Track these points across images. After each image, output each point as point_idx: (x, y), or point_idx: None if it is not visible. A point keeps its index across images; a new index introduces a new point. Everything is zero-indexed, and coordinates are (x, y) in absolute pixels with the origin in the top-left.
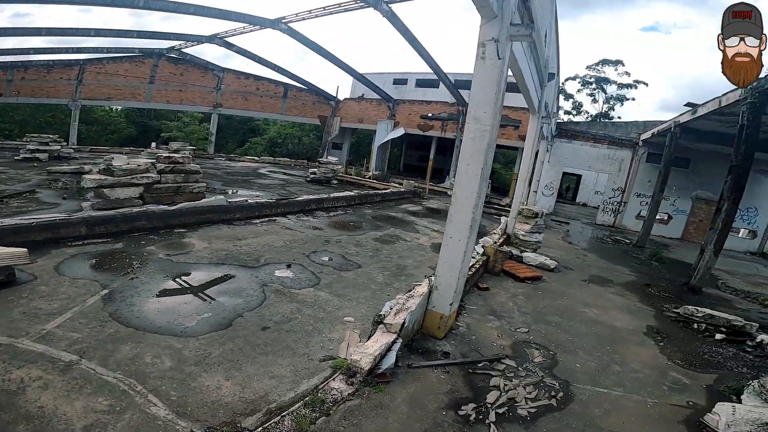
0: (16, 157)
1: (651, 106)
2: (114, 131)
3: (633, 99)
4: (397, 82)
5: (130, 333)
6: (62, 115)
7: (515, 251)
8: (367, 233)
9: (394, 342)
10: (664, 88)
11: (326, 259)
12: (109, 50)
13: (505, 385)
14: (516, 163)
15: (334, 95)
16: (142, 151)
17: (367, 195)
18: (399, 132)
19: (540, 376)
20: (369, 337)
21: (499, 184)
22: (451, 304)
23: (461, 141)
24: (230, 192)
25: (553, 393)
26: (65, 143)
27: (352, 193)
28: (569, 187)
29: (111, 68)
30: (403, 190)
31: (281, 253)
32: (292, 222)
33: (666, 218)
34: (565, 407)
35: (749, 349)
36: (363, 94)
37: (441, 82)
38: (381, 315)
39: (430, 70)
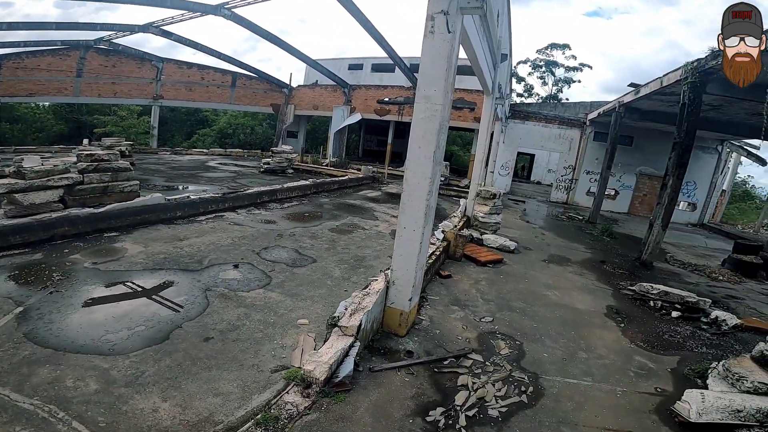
0: None
1: (594, 87)
2: (41, 129)
3: (579, 81)
4: (352, 67)
5: (48, 354)
6: None
7: (475, 234)
8: (324, 223)
9: (351, 346)
10: (606, 70)
11: (279, 255)
12: (26, 44)
13: (474, 383)
14: (473, 144)
15: (287, 83)
16: (74, 148)
17: (323, 183)
18: (356, 118)
19: (508, 370)
20: (324, 342)
21: (458, 166)
22: (410, 299)
23: None
24: (180, 188)
25: (523, 388)
26: None
27: (307, 182)
28: (524, 166)
29: (31, 62)
30: (361, 176)
31: (228, 252)
32: (242, 217)
33: (613, 194)
34: (536, 403)
35: (705, 327)
36: (317, 81)
37: (397, 66)
38: (335, 317)
39: (386, 55)
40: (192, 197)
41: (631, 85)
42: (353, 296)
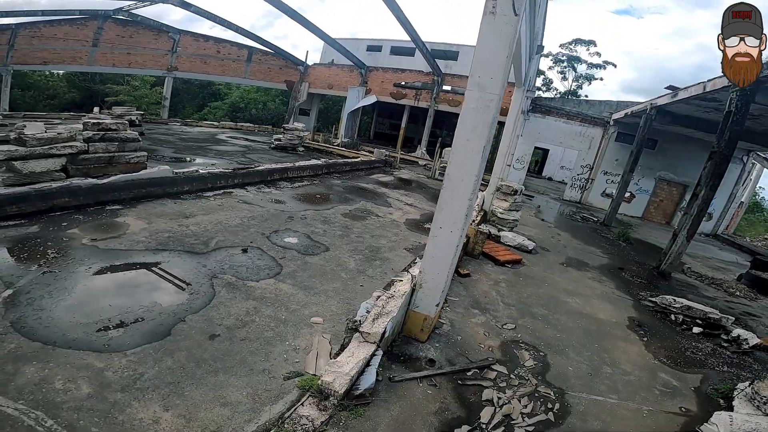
0: None
1: (615, 86)
2: (53, 96)
3: (601, 79)
4: (371, 48)
5: (37, 349)
6: None
7: (493, 230)
8: (336, 207)
9: (373, 355)
10: (628, 70)
11: (290, 240)
12: (44, 13)
13: (499, 398)
14: None
15: (303, 60)
16: (84, 116)
17: (335, 164)
18: (371, 99)
19: (534, 384)
20: (342, 348)
21: None
22: (437, 305)
23: (435, 111)
24: (189, 160)
25: (549, 405)
26: None
27: (319, 162)
28: (537, 161)
29: (48, 32)
30: (373, 159)
31: (236, 233)
32: (252, 195)
33: (629, 197)
34: (563, 422)
35: (725, 344)
36: (333, 60)
37: (417, 50)
38: (356, 320)
39: (406, 38)
40: (201, 171)
41: (669, 87)
42: (375, 297)
